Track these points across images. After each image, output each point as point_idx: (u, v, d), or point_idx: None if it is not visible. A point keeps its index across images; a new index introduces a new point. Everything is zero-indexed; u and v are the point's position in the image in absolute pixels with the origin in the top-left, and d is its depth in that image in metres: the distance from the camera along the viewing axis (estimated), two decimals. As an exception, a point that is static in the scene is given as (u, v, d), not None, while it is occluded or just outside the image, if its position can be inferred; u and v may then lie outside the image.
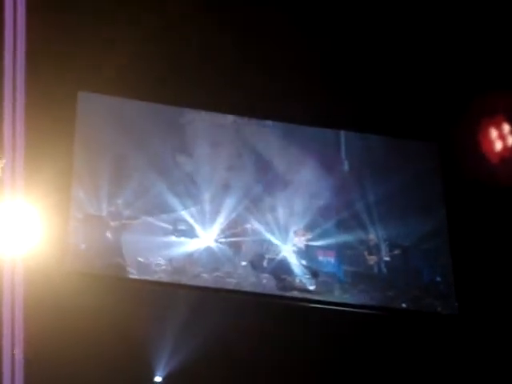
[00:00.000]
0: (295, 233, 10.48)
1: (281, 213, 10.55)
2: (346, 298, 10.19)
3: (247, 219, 10.44)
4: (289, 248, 10.42)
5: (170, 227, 10.22)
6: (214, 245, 10.23)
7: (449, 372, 9.86)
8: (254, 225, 10.44)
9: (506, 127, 10.29)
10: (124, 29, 9.94)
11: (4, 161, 7.41)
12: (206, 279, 9.98)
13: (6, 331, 6.85)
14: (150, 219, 10.13)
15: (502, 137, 10.31)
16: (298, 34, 10.38)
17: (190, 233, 10.24)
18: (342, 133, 11.09)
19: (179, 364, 9.47)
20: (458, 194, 10.71)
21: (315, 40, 10.44)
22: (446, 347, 9.90)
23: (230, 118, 10.82)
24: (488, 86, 10.31)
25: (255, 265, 10.26)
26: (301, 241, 10.47)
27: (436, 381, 9.81)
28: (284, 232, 10.47)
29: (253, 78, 10.32)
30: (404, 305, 10.30)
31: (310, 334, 9.64)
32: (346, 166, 10.93)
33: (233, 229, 10.35)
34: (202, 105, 10.60)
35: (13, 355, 6.94)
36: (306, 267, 10.34)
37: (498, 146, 10.31)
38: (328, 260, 10.46)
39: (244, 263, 10.24)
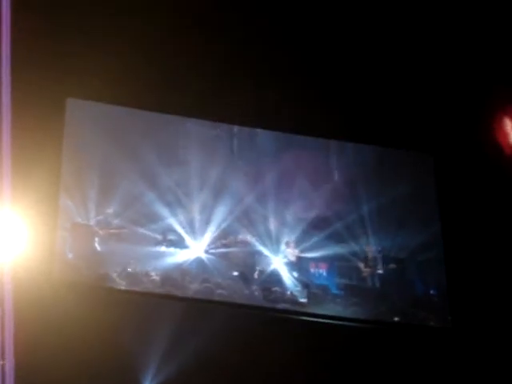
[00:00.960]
0: (287, 244, 10.43)
1: (272, 224, 10.51)
2: (338, 311, 10.13)
3: (238, 230, 10.38)
4: (280, 260, 10.35)
5: (160, 237, 10.17)
6: (203, 255, 10.17)
7: (441, 385, 9.84)
8: (244, 236, 10.40)
9: None
10: (114, 35, 9.90)
11: (-10, 168, 7.35)
12: (196, 290, 9.92)
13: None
14: (139, 229, 10.08)
15: None
16: (291, 43, 10.38)
17: (179, 243, 10.19)
18: (335, 143, 11.01)
19: (167, 376, 9.36)
20: (454, 207, 10.68)
21: (309, 48, 10.44)
22: (438, 361, 9.87)
23: (221, 126, 10.75)
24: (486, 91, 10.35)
25: (246, 276, 10.19)
26: (292, 253, 10.43)
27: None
28: (275, 243, 10.42)
29: (245, 87, 10.29)
30: (397, 318, 10.24)
31: (300, 347, 9.57)
32: (339, 177, 10.87)
33: (223, 239, 10.30)
34: (194, 113, 10.52)
35: (2, 365, 6.90)
36: (297, 279, 10.28)
37: None
38: (320, 272, 10.42)
39: (234, 274, 10.18)
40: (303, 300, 10.14)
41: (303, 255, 10.40)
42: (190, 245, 10.19)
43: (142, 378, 9.38)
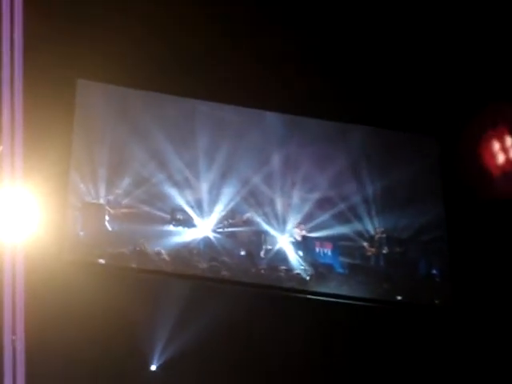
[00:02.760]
0: (297, 225, 10.49)
1: (279, 204, 10.56)
2: (343, 290, 10.18)
3: (245, 210, 10.45)
4: (286, 239, 10.43)
5: (168, 216, 10.24)
6: (211, 235, 10.24)
7: (443, 364, 9.87)
8: (251, 215, 10.45)
9: (508, 140, 10.27)
10: (125, 16, 9.90)
11: (2, 147, 7.40)
12: (204, 269, 9.99)
13: (7, 318, 6.87)
14: (148, 208, 10.14)
15: (504, 150, 10.30)
16: (300, 26, 10.34)
17: (187, 222, 10.25)
18: (341, 125, 10.99)
19: (175, 353, 9.48)
20: (457, 187, 10.68)
21: (319, 32, 10.39)
22: (441, 340, 9.91)
23: (230, 107, 10.75)
24: (492, 94, 10.31)
25: (252, 255, 10.26)
26: (299, 232, 10.49)
27: (431, 373, 9.81)
28: (282, 223, 10.48)
29: (254, 69, 10.27)
30: (399, 297, 10.30)
31: (306, 326, 9.64)
32: (344, 159, 10.85)
33: (230, 219, 10.37)
34: (202, 94, 10.56)
35: (13, 341, 6.97)
36: (302, 258, 10.35)
37: (500, 158, 10.31)
38: (325, 251, 10.45)
39: (241, 253, 10.26)
40: (308, 279, 10.22)
41: (308, 235, 10.48)
42: (197, 224, 10.27)
43: (150, 355, 9.49)
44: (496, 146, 10.41)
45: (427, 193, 10.86)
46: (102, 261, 9.72)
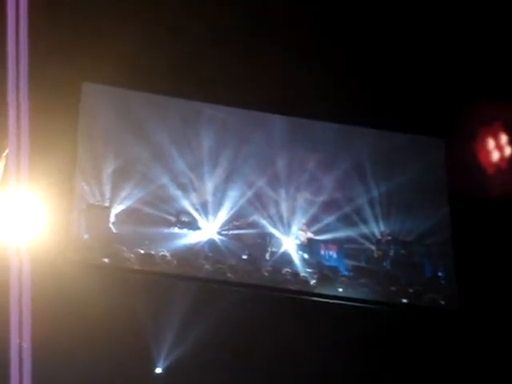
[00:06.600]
0: (302, 227, 10.51)
1: (284, 207, 10.58)
2: (348, 292, 10.18)
3: (250, 212, 10.48)
4: (291, 241, 10.45)
5: (173, 219, 10.29)
6: (216, 237, 10.29)
7: (448, 366, 9.84)
8: (256, 218, 10.48)
9: (503, 137, 10.26)
10: (130, 20, 9.90)
11: (8, 151, 7.42)
12: (209, 271, 10.00)
13: (14, 319, 6.90)
14: (153, 211, 10.18)
15: (499, 147, 10.30)
16: (304, 28, 10.33)
17: (192, 225, 10.33)
18: (347, 127, 10.96)
19: (180, 356, 9.46)
20: (462, 189, 10.62)
21: (323, 34, 10.37)
22: (446, 342, 9.88)
23: (234, 110, 10.74)
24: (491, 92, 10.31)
25: (257, 257, 10.28)
26: (304, 235, 10.51)
27: (436, 374, 9.80)
28: (287, 226, 10.50)
29: (258, 72, 10.29)
30: (405, 300, 10.29)
31: (311, 328, 9.62)
32: (350, 161, 10.83)
33: (235, 221, 10.41)
34: (207, 97, 10.57)
35: (20, 344, 7.00)
36: (308, 261, 10.38)
37: (495, 156, 10.31)
38: (330, 254, 10.47)
39: (246, 256, 10.28)
40: (314, 281, 10.21)
41: (314, 237, 10.51)
42: (202, 226, 10.31)
43: (156, 357, 9.49)
44: (491, 143, 10.40)
45: (432, 195, 10.83)
46: (106, 260, 9.74)
